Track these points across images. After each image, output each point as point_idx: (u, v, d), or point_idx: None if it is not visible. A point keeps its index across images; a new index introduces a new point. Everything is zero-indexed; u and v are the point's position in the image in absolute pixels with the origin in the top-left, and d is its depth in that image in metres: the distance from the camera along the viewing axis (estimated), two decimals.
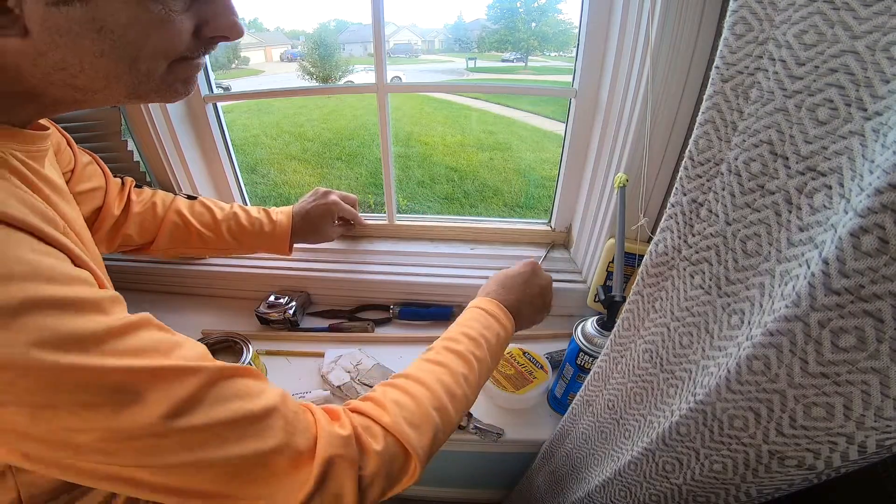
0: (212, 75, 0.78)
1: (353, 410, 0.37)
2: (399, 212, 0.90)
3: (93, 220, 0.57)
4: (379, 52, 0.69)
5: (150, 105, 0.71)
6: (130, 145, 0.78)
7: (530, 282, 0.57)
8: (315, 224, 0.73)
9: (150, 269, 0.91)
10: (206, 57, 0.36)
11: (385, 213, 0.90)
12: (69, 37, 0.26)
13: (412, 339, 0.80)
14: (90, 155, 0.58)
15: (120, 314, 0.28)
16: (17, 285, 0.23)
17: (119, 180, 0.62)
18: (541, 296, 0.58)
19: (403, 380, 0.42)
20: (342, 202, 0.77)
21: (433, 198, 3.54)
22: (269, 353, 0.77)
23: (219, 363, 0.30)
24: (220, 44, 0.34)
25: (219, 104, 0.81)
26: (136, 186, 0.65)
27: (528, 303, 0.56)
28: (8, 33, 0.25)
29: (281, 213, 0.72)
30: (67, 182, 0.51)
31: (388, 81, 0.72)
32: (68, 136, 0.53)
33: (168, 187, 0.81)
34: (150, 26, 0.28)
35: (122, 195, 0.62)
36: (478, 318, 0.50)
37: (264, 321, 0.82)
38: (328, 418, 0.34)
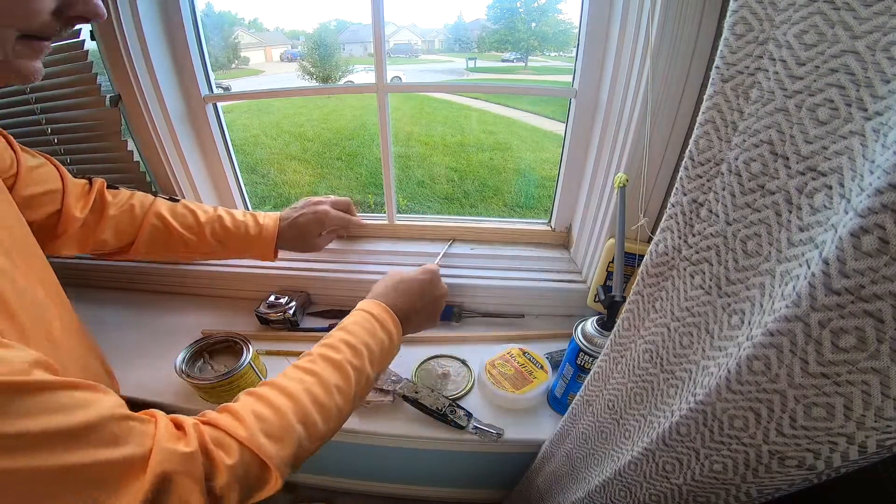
0: (212, 75, 0.78)
1: (206, 423, 0.35)
2: (399, 212, 0.90)
3: (52, 224, 0.55)
4: (379, 52, 0.69)
5: (149, 105, 0.71)
6: (130, 145, 0.78)
7: (426, 290, 0.57)
8: (302, 233, 0.71)
9: (151, 269, 0.92)
10: (51, 44, 0.34)
11: (385, 213, 0.90)
12: None
13: (412, 339, 0.80)
14: (44, 157, 0.56)
15: None
16: None
17: (85, 181, 0.60)
18: (433, 305, 0.58)
19: (268, 389, 0.40)
20: (333, 211, 0.74)
21: (433, 198, 3.54)
22: (269, 353, 0.77)
23: (41, 376, 0.27)
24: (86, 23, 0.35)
25: (219, 104, 0.81)
26: (111, 187, 0.63)
27: (420, 311, 0.56)
28: None
29: (268, 218, 0.71)
30: (11, 187, 0.48)
31: (388, 81, 0.72)
32: (9, 136, 0.51)
33: (168, 187, 0.81)
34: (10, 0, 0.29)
35: (87, 197, 0.59)
36: (363, 324, 0.49)
37: (264, 321, 0.82)
38: (171, 432, 0.32)
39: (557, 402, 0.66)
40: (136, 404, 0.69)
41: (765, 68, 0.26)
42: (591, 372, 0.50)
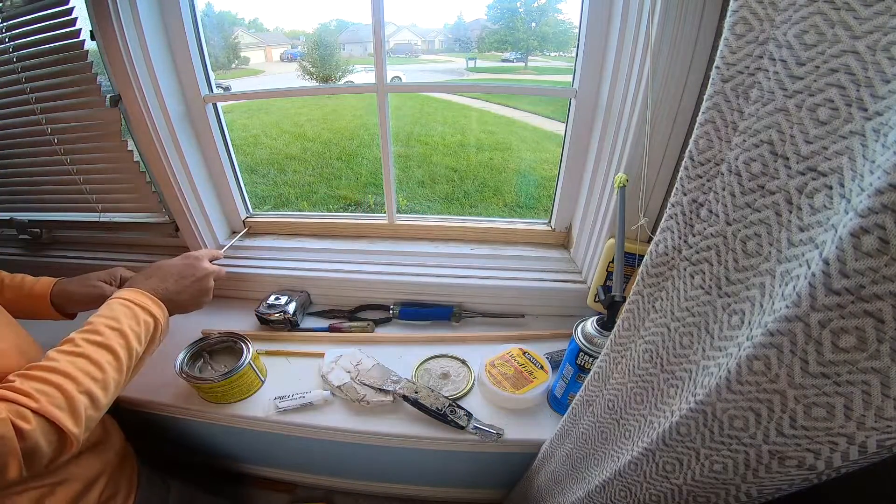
0: (212, 75, 0.78)
1: (1, 397, 0.41)
2: (399, 212, 0.90)
3: None
4: (379, 52, 0.69)
5: (149, 105, 0.71)
6: (130, 145, 0.78)
7: (185, 273, 0.63)
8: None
9: None
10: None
11: (385, 213, 0.90)
12: None
13: (412, 339, 0.80)
14: None
15: None
16: None
17: None
18: (197, 285, 0.64)
19: (42, 372, 0.45)
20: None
21: (433, 198, 3.54)
22: (269, 353, 0.77)
23: None
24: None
25: (219, 104, 0.81)
26: None
27: (181, 291, 0.62)
28: None
29: (44, 280, 0.65)
30: None
31: (388, 81, 0.72)
32: None
33: (168, 187, 0.81)
34: None
35: None
36: (122, 311, 0.53)
37: (264, 321, 0.82)
38: None
39: (557, 402, 0.66)
40: (136, 403, 0.69)
41: (765, 68, 0.26)
42: (591, 372, 0.49)
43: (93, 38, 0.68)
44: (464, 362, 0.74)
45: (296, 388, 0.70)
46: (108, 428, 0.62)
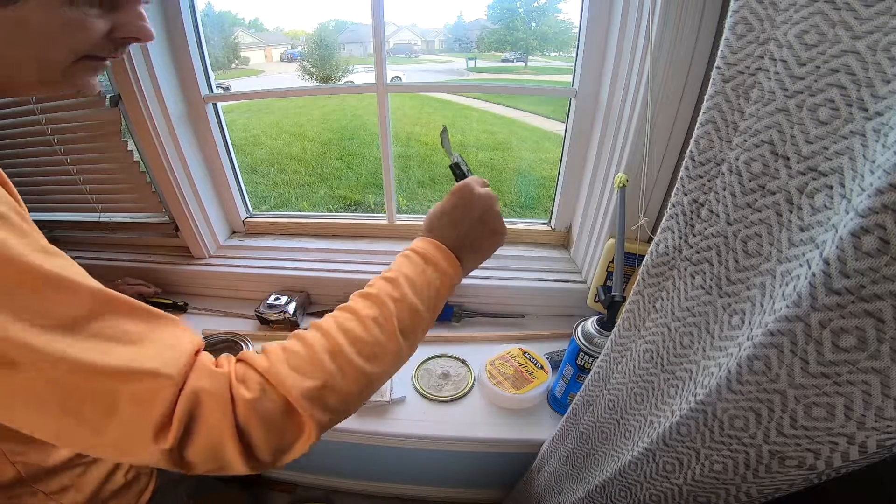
0: (212, 75, 0.78)
1: (239, 360, 0.35)
2: (399, 212, 0.90)
3: None
4: (379, 52, 0.69)
5: (149, 105, 0.71)
6: (130, 145, 0.78)
7: (468, 210, 0.48)
8: None
9: (151, 270, 0.92)
10: (110, 61, 0.38)
11: (385, 213, 0.90)
12: None
13: None
14: None
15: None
16: None
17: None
18: (482, 220, 0.48)
19: (303, 330, 0.39)
20: None
21: (433, 198, 3.54)
22: None
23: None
24: (130, 45, 0.38)
25: (219, 104, 0.81)
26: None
27: (468, 233, 0.47)
28: None
29: None
30: None
31: (388, 81, 0.72)
32: None
33: (168, 187, 0.81)
34: (64, 26, 0.32)
35: None
36: (400, 261, 0.44)
37: (264, 321, 0.82)
38: (210, 362, 0.33)
39: (557, 402, 0.66)
40: None
41: (766, 68, 0.26)
42: (592, 372, 0.49)
43: None
44: (464, 362, 0.74)
45: None
46: None
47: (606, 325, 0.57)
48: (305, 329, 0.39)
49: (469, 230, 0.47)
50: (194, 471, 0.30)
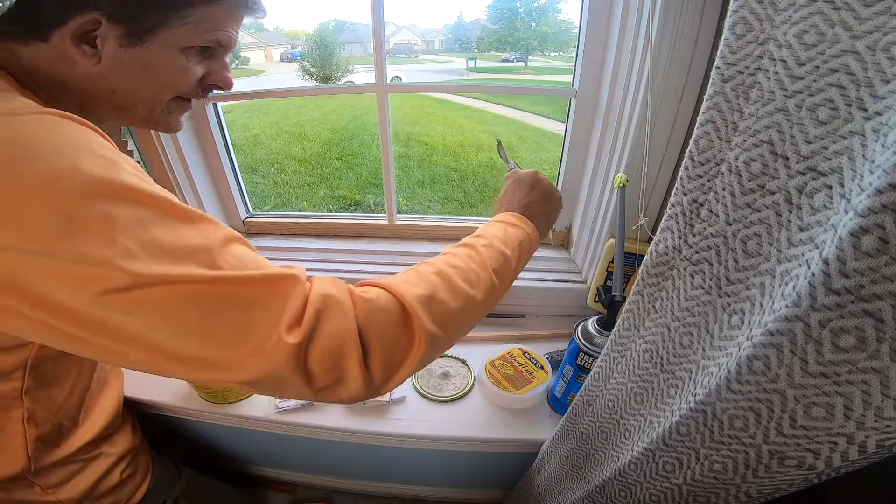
0: None
1: (357, 285, 0.38)
2: (399, 212, 0.90)
3: None
4: (379, 52, 0.69)
5: None
6: (130, 145, 0.78)
7: (521, 186, 0.56)
8: None
9: None
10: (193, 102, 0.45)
11: (385, 213, 0.90)
12: (125, 69, 0.37)
13: None
14: None
15: None
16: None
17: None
18: (538, 189, 0.56)
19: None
20: None
21: (433, 198, 3.54)
22: None
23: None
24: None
25: (219, 104, 0.81)
26: None
27: (531, 202, 0.54)
28: (89, 60, 0.35)
29: None
30: None
31: (388, 81, 0.72)
32: None
33: (168, 186, 0.81)
34: (175, 70, 0.39)
35: None
36: (484, 228, 0.49)
37: None
38: (328, 278, 0.36)
39: (557, 402, 0.66)
40: (137, 404, 0.69)
41: (765, 68, 0.26)
42: (591, 372, 0.50)
43: None
44: (464, 362, 0.74)
45: None
46: (126, 416, 0.63)
47: (606, 325, 0.57)
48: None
49: (531, 200, 0.54)
50: (314, 384, 0.31)
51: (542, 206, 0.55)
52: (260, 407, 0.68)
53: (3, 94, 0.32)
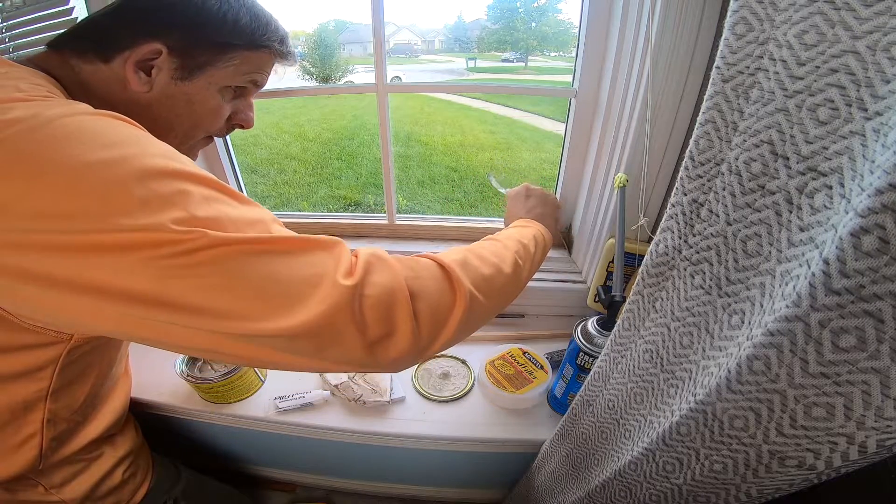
0: None
1: None
2: (399, 212, 0.90)
3: None
4: (379, 52, 0.69)
5: None
6: None
7: (518, 198, 0.65)
8: None
9: None
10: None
11: (385, 213, 0.90)
12: (171, 101, 0.40)
13: None
14: None
15: None
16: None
17: None
18: (536, 198, 0.65)
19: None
20: None
21: (433, 198, 3.54)
22: None
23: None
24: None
25: None
26: None
27: (532, 208, 0.63)
28: (142, 87, 0.38)
29: None
30: None
31: (388, 81, 0.72)
32: None
33: None
34: (212, 108, 0.42)
35: None
36: (496, 232, 0.54)
37: None
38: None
39: (557, 402, 0.66)
40: (137, 404, 0.69)
41: (765, 68, 0.26)
42: (591, 372, 0.49)
43: None
44: (464, 362, 0.74)
45: (296, 387, 0.70)
46: (128, 416, 0.63)
47: (606, 325, 0.57)
48: None
49: (530, 207, 0.62)
50: (367, 334, 0.32)
51: (541, 208, 0.62)
52: (260, 407, 0.68)
53: (60, 98, 0.33)
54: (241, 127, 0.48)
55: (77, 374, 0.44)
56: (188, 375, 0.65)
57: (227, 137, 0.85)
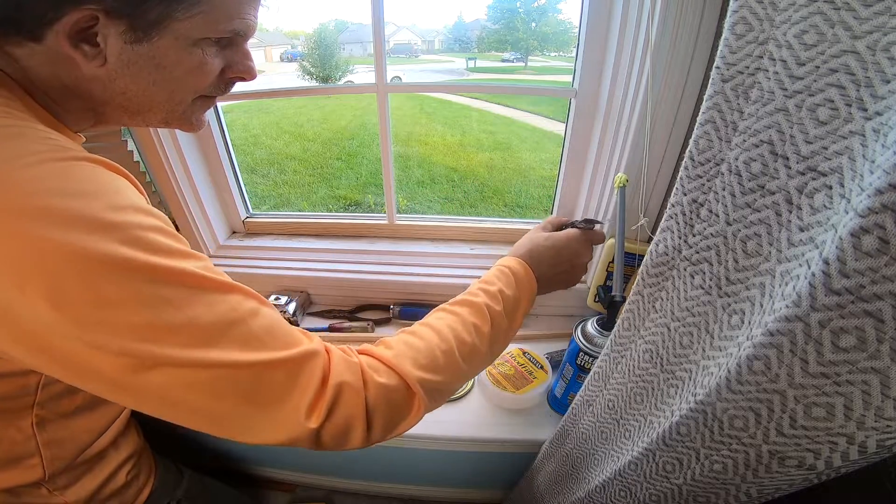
0: None
1: (361, 352, 0.40)
2: (399, 212, 0.90)
3: None
4: (379, 52, 0.69)
5: None
6: (130, 145, 0.78)
7: (564, 257, 0.53)
8: None
9: None
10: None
11: (385, 213, 0.90)
12: (134, 68, 0.34)
13: None
14: None
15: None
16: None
17: None
18: (571, 272, 0.54)
19: (416, 326, 0.44)
20: None
21: (433, 198, 3.54)
22: None
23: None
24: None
25: (219, 104, 0.81)
26: None
27: (555, 276, 0.53)
28: (91, 62, 0.32)
29: None
30: None
31: (388, 81, 0.72)
32: None
33: (168, 187, 0.81)
34: (191, 66, 0.36)
35: None
36: (499, 276, 0.49)
37: None
38: (343, 352, 0.38)
39: (557, 402, 0.66)
40: None
41: (765, 68, 0.26)
42: (591, 372, 0.49)
43: None
44: None
45: None
46: (131, 420, 0.63)
47: (606, 325, 0.57)
48: (418, 324, 0.45)
49: (557, 274, 0.52)
50: (319, 448, 0.35)
51: (555, 286, 0.53)
52: None
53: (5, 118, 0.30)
54: (243, 79, 0.41)
55: (64, 386, 0.43)
56: None
57: (227, 137, 0.86)
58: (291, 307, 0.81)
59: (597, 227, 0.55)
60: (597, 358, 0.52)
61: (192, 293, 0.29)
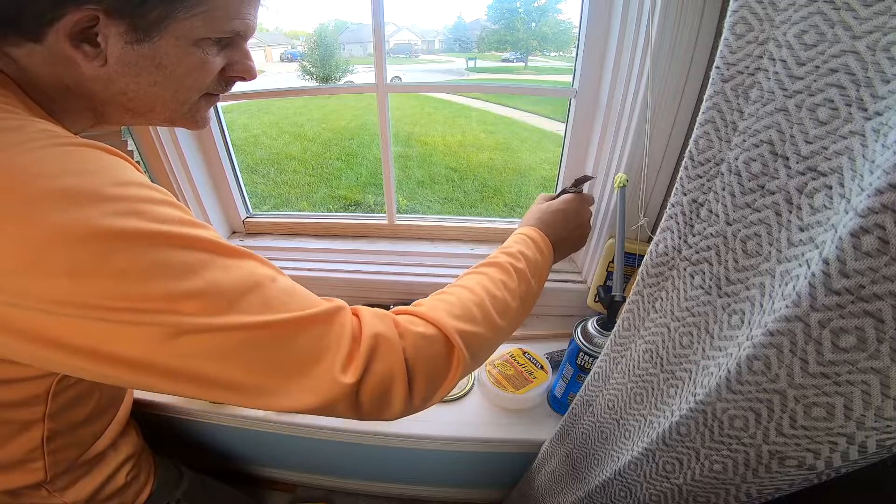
0: None
1: (397, 312, 0.39)
2: (399, 212, 0.90)
3: None
4: (379, 52, 0.69)
5: None
6: (130, 145, 0.78)
7: (570, 219, 0.57)
8: None
9: None
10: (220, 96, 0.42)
11: (385, 213, 0.90)
12: (135, 68, 0.34)
13: None
14: None
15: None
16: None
17: None
18: (579, 231, 0.58)
19: (448, 286, 0.45)
20: None
21: (433, 198, 3.54)
22: None
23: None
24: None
25: (219, 104, 0.81)
26: None
27: (567, 238, 0.57)
28: (92, 62, 0.32)
29: None
30: None
31: (388, 81, 0.72)
32: None
33: (168, 186, 0.81)
34: (192, 66, 0.36)
35: None
36: (517, 241, 0.52)
37: None
38: (373, 310, 0.37)
39: (557, 402, 0.66)
40: (137, 404, 0.69)
41: (765, 68, 0.26)
42: (591, 372, 0.50)
43: None
44: None
45: None
46: (130, 421, 0.63)
47: (606, 325, 0.57)
48: (454, 283, 0.45)
49: (569, 235, 0.56)
50: (361, 412, 0.33)
51: (569, 247, 0.58)
52: None
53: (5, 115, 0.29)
54: (243, 79, 0.41)
55: (74, 396, 0.43)
56: None
57: (227, 137, 0.86)
58: None
59: (586, 184, 0.61)
60: (597, 358, 0.52)
61: (208, 258, 0.29)
